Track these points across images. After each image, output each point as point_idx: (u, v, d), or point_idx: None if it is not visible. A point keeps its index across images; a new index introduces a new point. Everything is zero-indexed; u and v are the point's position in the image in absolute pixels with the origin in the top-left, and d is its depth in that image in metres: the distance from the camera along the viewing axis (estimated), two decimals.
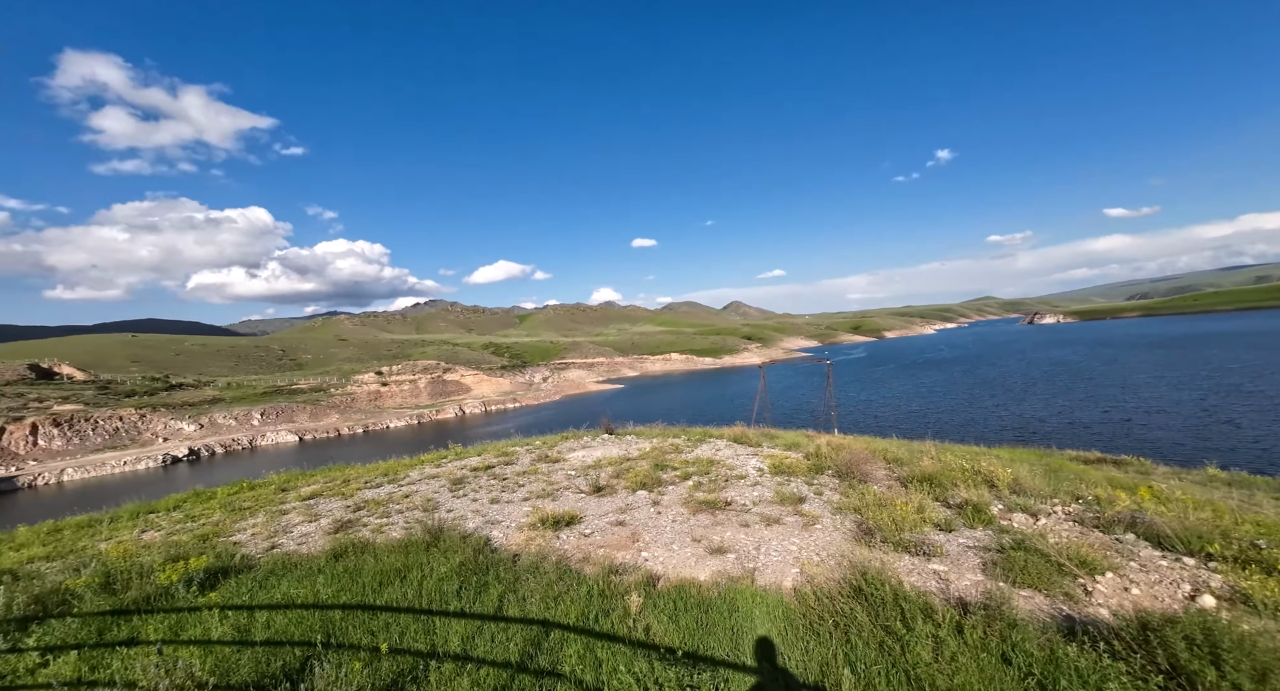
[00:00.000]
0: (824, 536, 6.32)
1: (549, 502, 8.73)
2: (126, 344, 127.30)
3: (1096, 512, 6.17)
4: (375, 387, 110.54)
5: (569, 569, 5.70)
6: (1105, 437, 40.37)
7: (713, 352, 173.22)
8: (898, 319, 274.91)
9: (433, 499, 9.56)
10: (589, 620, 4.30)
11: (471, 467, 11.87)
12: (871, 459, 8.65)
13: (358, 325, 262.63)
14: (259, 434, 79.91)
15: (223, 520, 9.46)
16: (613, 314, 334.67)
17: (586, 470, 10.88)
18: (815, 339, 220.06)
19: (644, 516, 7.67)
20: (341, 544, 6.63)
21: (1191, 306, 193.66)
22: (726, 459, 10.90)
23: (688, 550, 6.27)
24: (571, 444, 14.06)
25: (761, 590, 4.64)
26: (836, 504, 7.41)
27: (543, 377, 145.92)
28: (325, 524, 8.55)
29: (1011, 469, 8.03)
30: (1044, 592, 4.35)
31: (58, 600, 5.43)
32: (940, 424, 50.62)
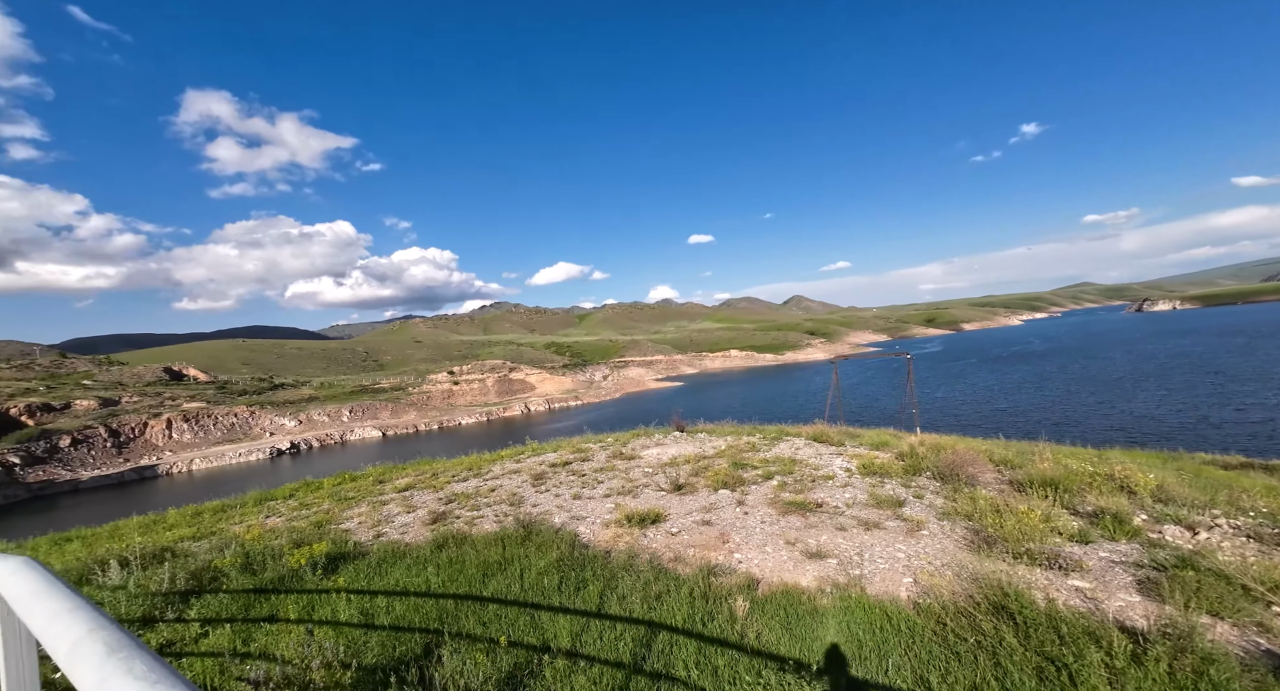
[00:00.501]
0: (934, 543, 5.86)
1: (630, 500, 8.76)
2: (238, 348, 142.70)
3: (1276, 528, 5.29)
4: (448, 386, 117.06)
5: (663, 568, 5.64)
6: (1241, 439, 35.24)
7: (774, 349, 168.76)
8: (977, 310, 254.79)
9: (517, 493, 9.87)
10: (695, 623, 4.21)
11: (550, 463, 12.17)
12: (978, 460, 7.97)
13: (431, 327, 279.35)
14: (348, 429, 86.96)
15: (332, 508, 10.26)
16: (670, 311, 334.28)
17: (663, 467, 10.84)
18: (884, 333, 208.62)
19: (730, 516, 7.49)
20: (441, 535, 6.96)
21: None
22: (808, 458, 10.47)
23: (783, 553, 6.04)
24: (644, 441, 14.08)
25: (877, 600, 4.34)
26: (942, 509, 6.88)
27: (603, 376, 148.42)
28: (421, 515, 9.04)
29: (1153, 473, 7.10)
30: (1228, 621, 3.75)
31: (209, 576, 6.06)
32: (1032, 423, 46.24)
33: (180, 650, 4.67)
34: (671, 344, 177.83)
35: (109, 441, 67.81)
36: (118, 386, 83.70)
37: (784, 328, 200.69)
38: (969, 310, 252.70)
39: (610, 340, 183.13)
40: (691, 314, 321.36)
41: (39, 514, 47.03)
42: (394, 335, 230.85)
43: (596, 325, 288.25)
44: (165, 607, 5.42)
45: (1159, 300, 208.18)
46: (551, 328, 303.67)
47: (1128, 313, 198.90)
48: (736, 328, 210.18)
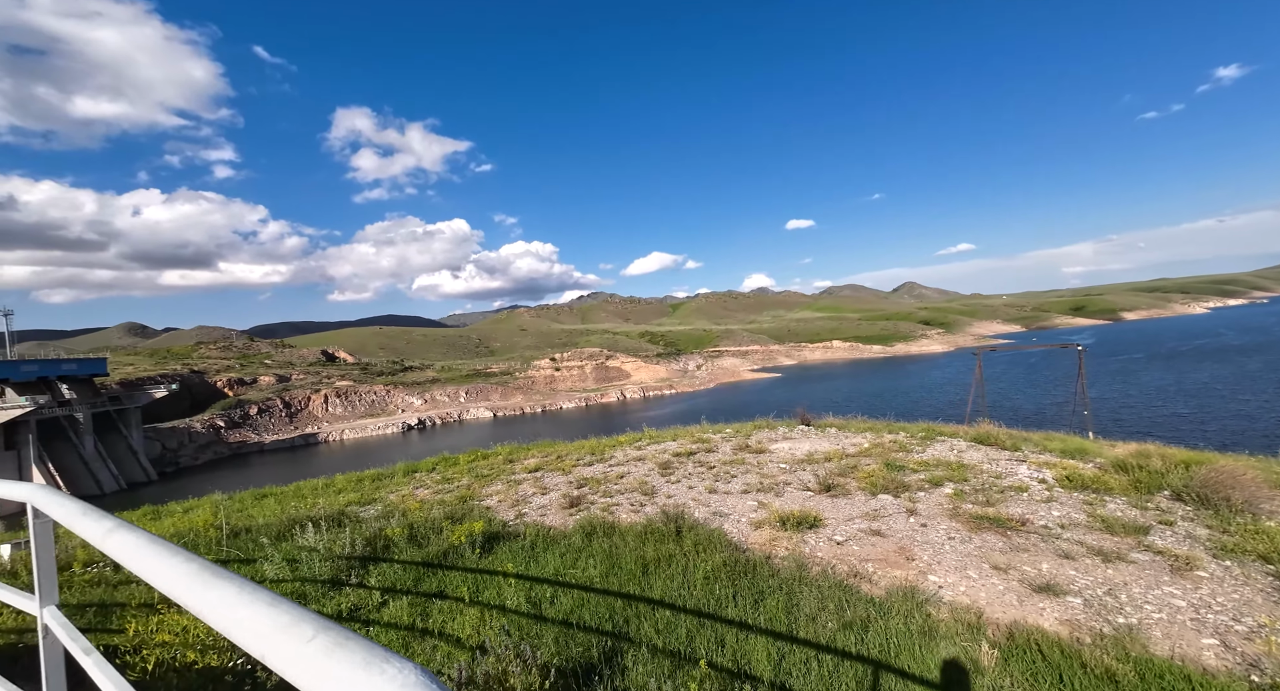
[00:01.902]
0: (1224, 591, 4.44)
1: (775, 498, 8.01)
2: (376, 334, 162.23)
3: None
4: (550, 372, 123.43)
5: (847, 585, 4.86)
6: None
7: (882, 340, 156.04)
8: (1144, 296, 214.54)
9: (647, 482, 9.55)
10: (927, 668, 3.41)
11: (673, 453, 11.76)
12: (1252, 480, 6.10)
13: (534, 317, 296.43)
14: (464, 409, 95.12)
15: (471, 484, 10.72)
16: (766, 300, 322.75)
17: (799, 464, 9.92)
18: (1017, 322, 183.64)
19: (903, 527, 6.47)
20: (587, 522, 6.75)
21: None
22: (979, 463, 8.95)
23: (995, 581, 4.96)
24: (769, 434, 13.18)
25: (1195, 674, 3.21)
26: (1216, 542, 5.29)
27: (696, 365, 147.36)
28: (556, 497, 9.05)
29: None
30: None
31: (382, 545, 6.37)
32: (1227, 433, 37.66)
33: (366, 617, 4.82)
34: (768, 334, 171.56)
35: (284, 411, 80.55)
36: (289, 365, 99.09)
37: (893, 317, 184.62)
38: (1132, 296, 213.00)
39: (704, 330, 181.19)
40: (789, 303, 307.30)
41: (239, 470, 57.24)
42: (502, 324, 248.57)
43: (689, 315, 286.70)
44: (349, 571, 5.73)
45: None
46: (645, 317, 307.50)
47: None
48: (839, 317, 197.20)
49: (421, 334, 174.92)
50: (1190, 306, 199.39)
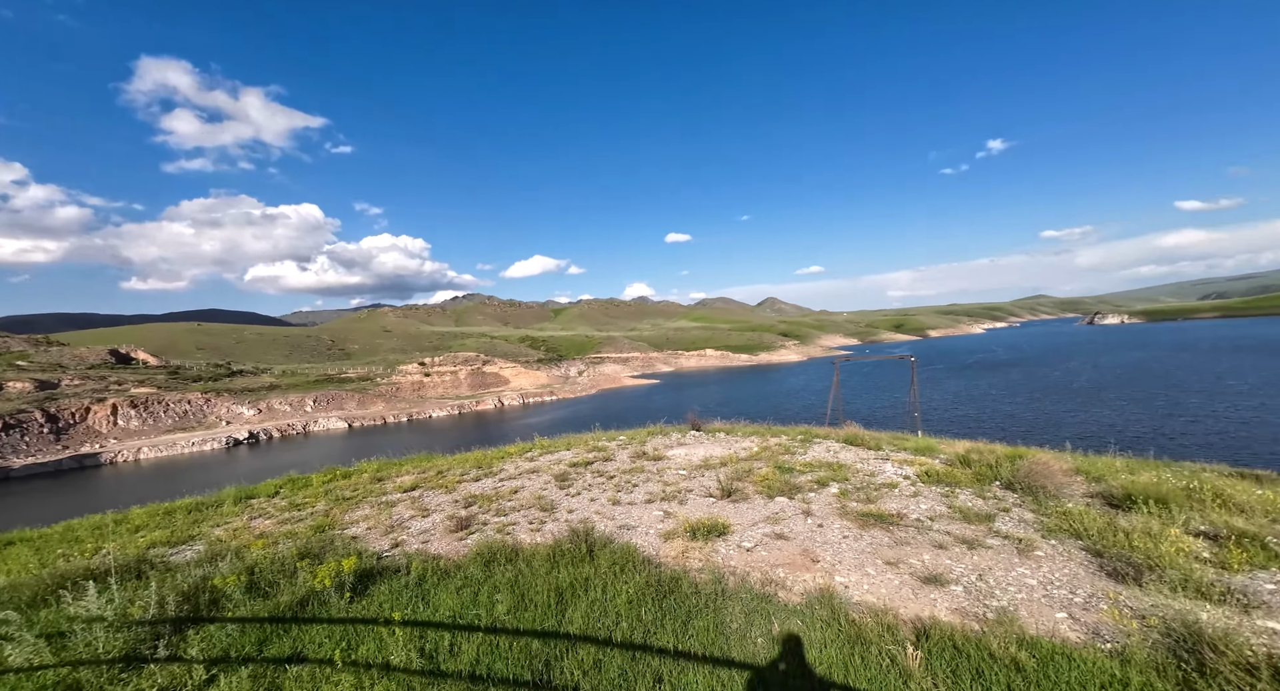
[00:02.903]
0: (1060, 568, 5.26)
1: (680, 507, 7.93)
2: (192, 331, 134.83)
3: None
4: (418, 378, 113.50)
5: (766, 596, 4.85)
6: (1192, 449, 36.86)
7: (749, 349, 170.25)
8: (943, 317, 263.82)
9: (544, 497, 8.91)
10: (861, 678, 3.43)
11: (569, 463, 11.22)
12: (1060, 470, 7.47)
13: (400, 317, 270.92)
14: (311, 420, 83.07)
15: (330, 510, 9.08)
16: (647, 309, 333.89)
17: (697, 470, 10.05)
18: (855, 337, 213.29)
19: (802, 528, 6.76)
20: (484, 548, 5.97)
21: (1275, 307, 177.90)
22: (853, 463, 9.86)
23: (889, 576, 5.33)
24: (663, 440, 13.26)
25: (1072, 650, 3.64)
26: (1042, 525, 6.31)
27: (578, 371, 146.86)
28: (440, 520, 8.00)
29: (1265, 490, 6.72)
30: None
31: (208, 599, 4.94)
32: (1001, 430, 47.57)
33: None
34: (648, 341, 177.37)
35: (45, 427, 62.72)
36: (57, 368, 77.60)
37: (758, 329, 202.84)
38: (935, 317, 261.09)
39: (586, 336, 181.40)
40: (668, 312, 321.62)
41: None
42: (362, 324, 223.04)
43: (572, 320, 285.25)
44: (156, 642, 4.32)
45: (1109, 314, 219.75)
46: (526, 321, 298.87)
47: (1081, 325, 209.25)
48: (712, 327, 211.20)
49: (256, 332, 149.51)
50: (972, 327, 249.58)
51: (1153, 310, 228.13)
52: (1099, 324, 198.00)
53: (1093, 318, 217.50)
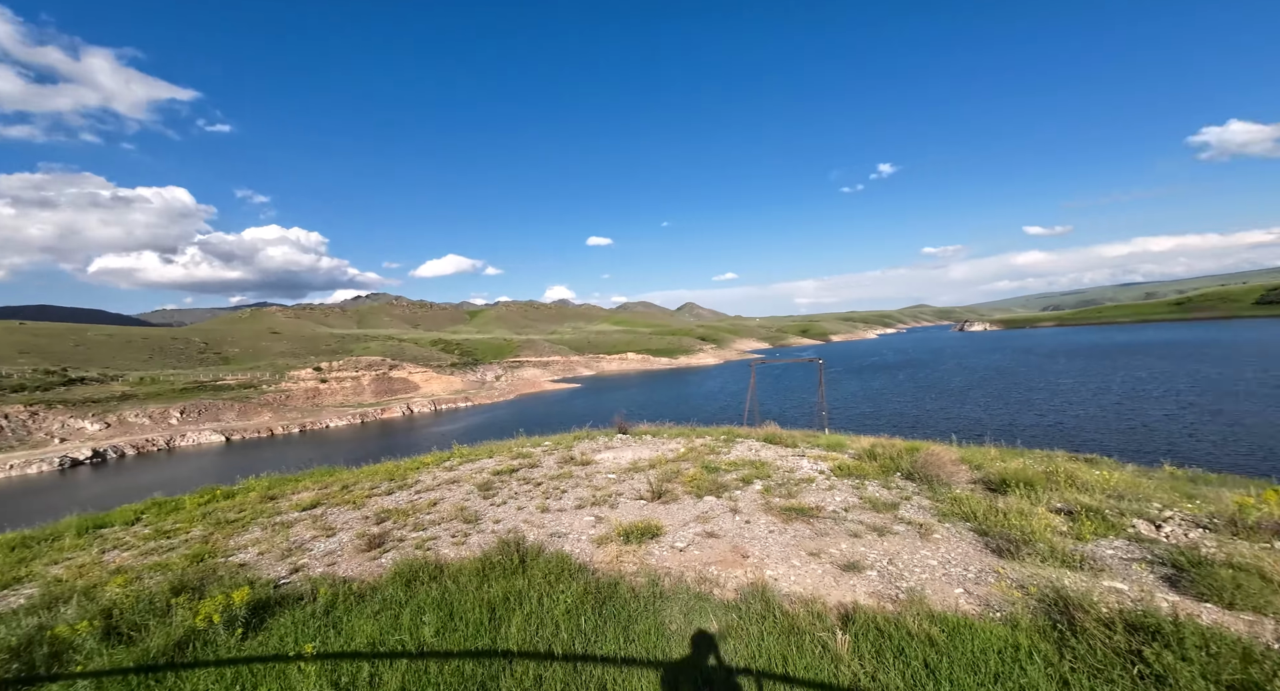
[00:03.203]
0: (954, 548, 5.88)
1: (611, 511, 7.87)
2: (13, 331, 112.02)
3: (1216, 519, 6.07)
4: (313, 384, 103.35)
5: (702, 594, 4.93)
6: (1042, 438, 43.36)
7: (668, 353, 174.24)
8: (843, 323, 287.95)
9: (468, 508, 8.43)
10: (798, 667, 3.57)
11: (493, 471, 10.73)
12: (949, 460, 8.38)
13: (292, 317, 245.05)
14: (178, 433, 72.52)
15: (210, 535, 7.92)
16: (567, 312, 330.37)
17: (626, 473, 10.06)
18: (766, 341, 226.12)
19: (731, 526, 6.99)
20: (407, 565, 5.51)
21: (1097, 318, 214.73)
22: (773, 460, 10.38)
23: (813, 567, 5.65)
24: (590, 444, 13.12)
25: (975, 621, 4.06)
26: (938, 510, 7.03)
27: (495, 376, 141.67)
28: (349, 538, 7.28)
29: (1103, 471, 7.98)
30: (1271, 616, 4.05)
31: (47, 653, 4.08)
32: (894, 426, 52.89)
33: None
34: (569, 345, 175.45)
35: None
36: None
37: (678, 333, 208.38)
38: (836, 323, 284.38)
39: (504, 339, 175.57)
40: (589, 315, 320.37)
41: None
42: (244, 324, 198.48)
43: (489, 323, 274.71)
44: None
45: (975, 322, 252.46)
46: (439, 324, 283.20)
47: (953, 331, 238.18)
48: (633, 331, 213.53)
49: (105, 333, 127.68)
50: (868, 332, 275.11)
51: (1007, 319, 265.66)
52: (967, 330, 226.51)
53: (963, 325, 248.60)
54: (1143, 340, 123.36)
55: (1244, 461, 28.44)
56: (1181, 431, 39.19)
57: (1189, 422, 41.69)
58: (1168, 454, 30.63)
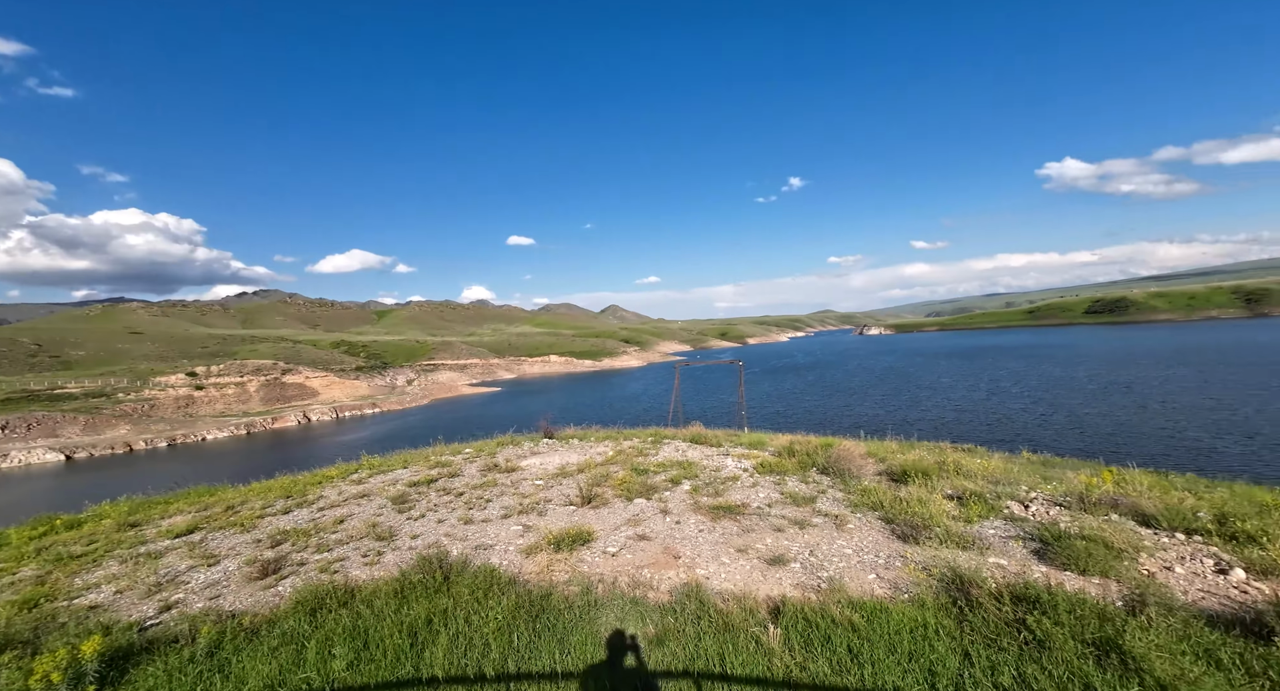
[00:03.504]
0: (866, 537, 6.34)
1: (540, 519, 7.62)
2: None
3: (1069, 497, 7.10)
4: (187, 392, 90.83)
5: (637, 599, 4.90)
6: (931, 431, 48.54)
7: (592, 355, 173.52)
8: (758, 327, 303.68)
9: (380, 523, 7.77)
10: (734, 663, 3.65)
11: (408, 482, 10.00)
12: (858, 455, 9.07)
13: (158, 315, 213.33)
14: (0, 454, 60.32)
15: (47, 574, 6.63)
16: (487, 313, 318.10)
17: (554, 478, 9.82)
18: (688, 343, 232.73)
19: (662, 527, 7.04)
20: (311, 592, 4.94)
21: (969, 324, 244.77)
22: (700, 460, 10.64)
23: (742, 563, 5.83)
24: (515, 450, 12.67)
25: (889, 604, 4.39)
26: (850, 502, 7.56)
27: (407, 380, 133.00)
28: (237, 566, 6.42)
29: (980, 459, 9.01)
30: (1110, 578, 4.78)
31: None
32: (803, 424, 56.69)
33: None
34: (488, 347, 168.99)
35: None
36: None
37: (602, 335, 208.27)
38: (753, 326, 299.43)
39: (418, 341, 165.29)
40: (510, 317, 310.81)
41: None
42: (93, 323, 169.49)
43: (400, 324, 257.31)
44: None
45: (872, 326, 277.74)
46: (342, 324, 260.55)
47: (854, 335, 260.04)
48: (556, 333, 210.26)
49: None
50: (780, 336, 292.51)
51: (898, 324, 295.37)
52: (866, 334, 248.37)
53: (862, 329, 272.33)
54: (1004, 343, 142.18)
55: (1082, 446, 33.57)
56: (1034, 422, 45.56)
57: (1040, 414, 48.56)
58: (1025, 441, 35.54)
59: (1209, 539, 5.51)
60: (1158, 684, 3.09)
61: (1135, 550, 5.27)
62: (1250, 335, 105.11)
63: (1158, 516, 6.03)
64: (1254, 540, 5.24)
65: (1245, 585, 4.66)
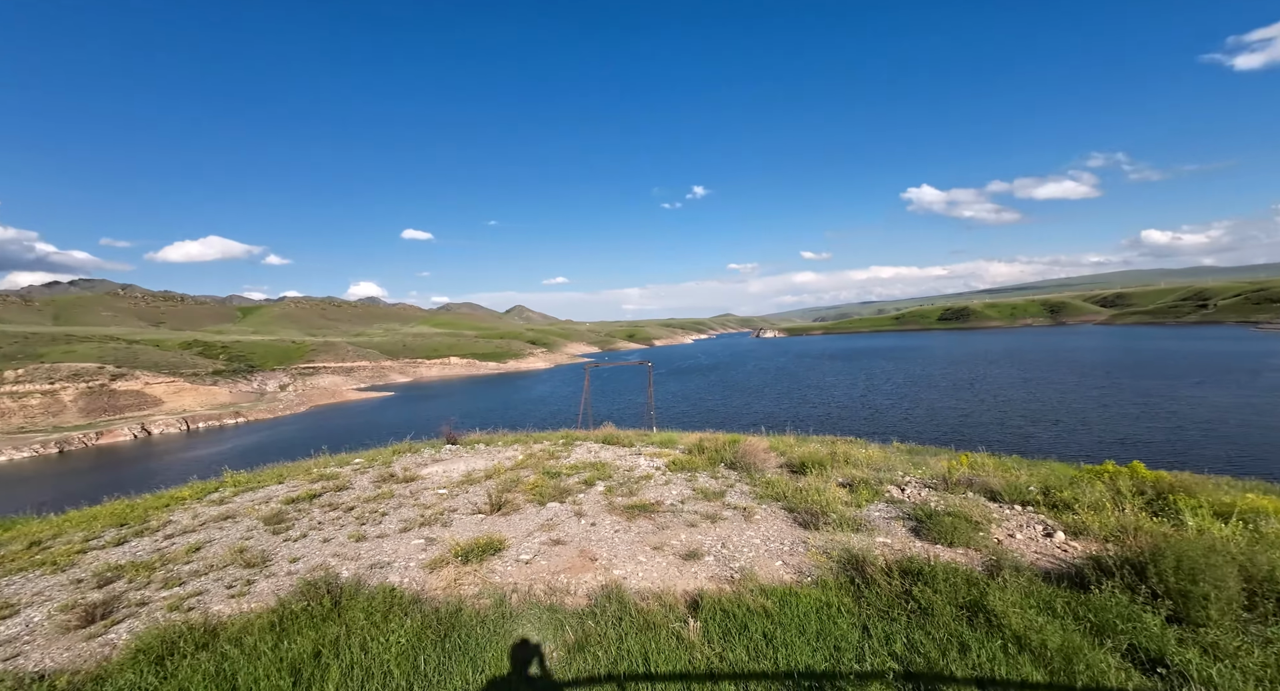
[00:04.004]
0: (771, 526, 6.72)
1: (444, 531, 7.10)
2: None
3: (935, 480, 8.12)
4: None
5: (554, 606, 4.73)
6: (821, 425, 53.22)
7: (497, 357, 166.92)
8: (665, 329, 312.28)
9: (249, 548, 6.75)
10: (657, 661, 3.64)
11: (285, 499, 8.81)
12: (761, 450, 9.61)
13: None
14: None
15: None
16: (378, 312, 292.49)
17: (460, 486, 9.23)
18: (596, 345, 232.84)
19: (577, 530, 6.90)
20: (159, 636, 4.12)
21: (848, 328, 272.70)
22: (612, 460, 10.62)
23: (659, 560, 5.88)
24: (414, 458, 11.72)
25: (796, 588, 4.65)
26: (756, 494, 7.97)
27: (280, 385, 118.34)
28: (47, 615, 5.20)
29: (863, 450, 9.97)
30: (972, 548, 5.53)
31: None
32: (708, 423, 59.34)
33: None
34: (380, 348, 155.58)
35: None
36: None
37: (507, 336, 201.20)
38: (659, 329, 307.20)
39: (294, 341, 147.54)
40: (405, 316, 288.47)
41: None
42: None
43: (272, 322, 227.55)
44: None
45: (767, 330, 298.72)
46: (196, 322, 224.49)
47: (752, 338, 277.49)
48: (457, 334, 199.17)
49: None
50: (685, 338, 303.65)
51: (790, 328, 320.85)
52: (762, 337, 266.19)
53: (758, 332, 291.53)
54: (876, 346, 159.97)
55: (939, 435, 38.67)
56: (900, 415, 51.76)
57: (905, 408, 55.21)
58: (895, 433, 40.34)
59: (1038, 508, 6.61)
60: (1014, 635, 3.61)
61: (988, 522, 6.15)
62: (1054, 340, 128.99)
63: (1002, 492, 7.10)
64: (1069, 507, 6.37)
65: (1066, 545, 5.64)
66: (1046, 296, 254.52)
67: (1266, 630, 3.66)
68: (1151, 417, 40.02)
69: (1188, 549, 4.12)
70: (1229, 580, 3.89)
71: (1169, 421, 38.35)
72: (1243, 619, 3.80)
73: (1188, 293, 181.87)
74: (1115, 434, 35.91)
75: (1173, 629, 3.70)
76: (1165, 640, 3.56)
